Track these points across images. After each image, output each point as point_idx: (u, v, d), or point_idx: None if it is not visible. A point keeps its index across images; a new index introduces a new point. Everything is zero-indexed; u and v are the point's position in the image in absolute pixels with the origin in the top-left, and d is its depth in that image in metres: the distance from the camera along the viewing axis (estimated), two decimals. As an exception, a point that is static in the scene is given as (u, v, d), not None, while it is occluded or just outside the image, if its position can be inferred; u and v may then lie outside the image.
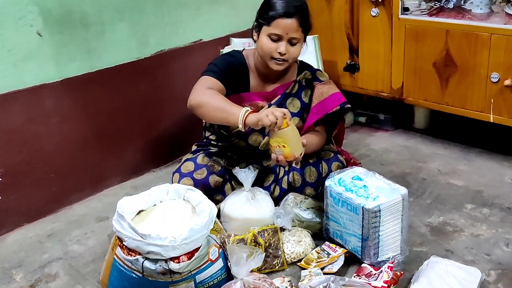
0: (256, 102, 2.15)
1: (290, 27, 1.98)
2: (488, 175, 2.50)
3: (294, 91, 2.18)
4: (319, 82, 2.18)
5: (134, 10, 2.49)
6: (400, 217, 1.84)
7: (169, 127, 2.77)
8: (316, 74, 2.21)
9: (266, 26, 2.01)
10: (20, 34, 2.15)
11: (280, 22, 1.98)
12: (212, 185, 2.10)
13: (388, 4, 2.70)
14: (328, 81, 2.21)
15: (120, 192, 2.52)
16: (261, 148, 2.16)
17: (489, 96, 2.48)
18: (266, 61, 2.05)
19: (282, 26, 1.98)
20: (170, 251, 1.63)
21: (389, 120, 3.08)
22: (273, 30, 1.99)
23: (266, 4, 2.04)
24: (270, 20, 1.99)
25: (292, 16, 1.98)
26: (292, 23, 1.98)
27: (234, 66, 2.12)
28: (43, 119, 2.29)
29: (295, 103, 2.18)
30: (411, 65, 2.72)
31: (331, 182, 1.94)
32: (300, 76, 2.19)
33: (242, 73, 2.16)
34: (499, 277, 1.83)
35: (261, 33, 2.04)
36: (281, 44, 2.00)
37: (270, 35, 2.00)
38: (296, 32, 2.00)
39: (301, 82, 2.19)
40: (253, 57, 2.17)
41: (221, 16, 2.89)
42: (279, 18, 1.98)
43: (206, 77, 2.05)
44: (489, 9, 2.62)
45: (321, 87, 2.17)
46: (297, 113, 2.17)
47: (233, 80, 2.10)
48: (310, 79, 2.19)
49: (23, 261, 2.09)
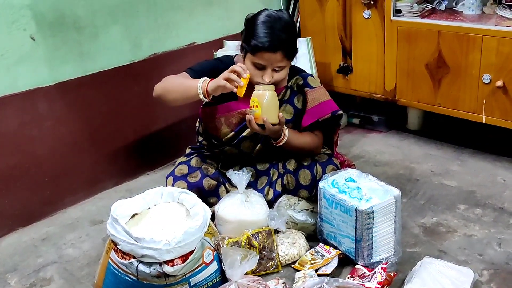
0: (245, 109, 2.11)
1: (274, 59, 1.97)
2: (480, 176, 2.52)
3: (286, 97, 2.16)
4: (310, 89, 2.15)
5: (127, 13, 2.49)
6: (393, 218, 1.85)
7: (163, 130, 2.77)
8: (307, 80, 2.18)
9: (250, 54, 1.98)
10: (13, 38, 2.15)
11: (264, 55, 1.95)
12: (206, 188, 2.10)
13: (380, 6, 2.72)
14: (319, 87, 2.18)
15: (115, 195, 2.52)
16: (254, 154, 2.17)
17: (481, 97, 2.50)
18: (253, 82, 2.00)
19: (266, 58, 1.96)
20: (164, 254, 1.63)
21: (383, 122, 3.09)
22: (257, 60, 1.97)
23: (251, 29, 2.00)
24: (254, 50, 1.96)
25: (276, 50, 1.94)
26: (276, 56, 1.96)
27: (218, 71, 2.02)
28: (36, 123, 2.28)
29: (288, 109, 2.15)
30: (404, 66, 2.73)
31: (324, 184, 1.95)
32: (291, 81, 2.17)
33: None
34: (491, 277, 1.84)
35: (246, 58, 2.02)
36: (265, 73, 1.99)
37: (254, 63, 1.99)
38: (280, 62, 1.98)
39: (293, 88, 2.17)
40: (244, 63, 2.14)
41: (214, 18, 2.89)
42: (263, 51, 1.94)
43: (183, 73, 2.06)
44: (481, 10, 2.64)
45: (313, 94, 2.15)
46: (290, 119, 2.15)
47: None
48: (302, 85, 2.17)
49: (17, 265, 2.08)
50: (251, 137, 2.13)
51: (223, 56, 2.24)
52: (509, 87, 2.39)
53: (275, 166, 2.21)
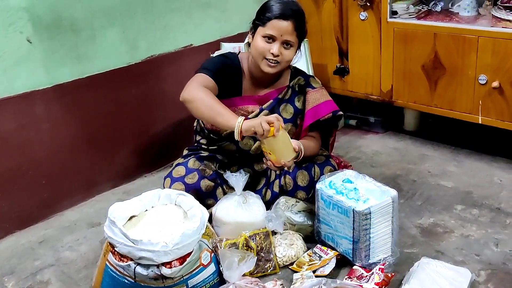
0: (247, 106, 2.16)
1: (285, 29, 1.99)
2: (477, 176, 2.52)
3: (287, 96, 2.19)
4: (311, 89, 2.19)
5: (124, 15, 2.50)
6: (391, 219, 1.85)
7: (160, 132, 2.78)
8: (309, 81, 2.21)
9: (261, 27, 2.02)
10: (10, 41, 2.15)
11: (275, 23, 1.99)
12: (204, 190, 2.10)
13: (376, 8, 2.73)
14: (321, 88, 2.22)
15: (112, 198, 2.52)
16: (252, 151, 2.17)
17: (477, 97, 2.51)
18: (258, 62, 2.05)
19: (277, 27, 1.99)
20: (162, 256, 1.63)
21: (379, 123, 3.10)
22: (267, 31, 2.00)
23: (264, 6, 2.06)
24: (265, 21, 2.00)
25: (287, 19, 1.99)
26: (287, 26, 1.99)
27: (228, 67, 2.12)
28: (34, 125, 2.28)
29: (288, 108, 2.18)
30: (400, 68, 2.74)
31: (322, 185, 1.95)
32: (293, 81, 2.20)
33: (236, 75, 2.16)
34: (489, 277, 1.85)
35: (256, 34, 2.05)
36: (274, 45, 2.01)
37: (264, 36, 2.01)
38: (290, 35, 2.01)
39: (294, 88, 2.20)
40: (247, 60, 2.17)
41: (211, 20, 2.89)
42: (275, 19, 1.99)
43: (200, 74, 2.05)
44: (476, 12, 2.65)
45: (314, 93, 2.18)
46: (290, 118, 2.17)
47: (226, 81, 2.10)
48: (303, 85, 2.20)
49: (15, 268, 2.08)
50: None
51: (227, 52, 2.25)
52: (505, 87, 2.40)
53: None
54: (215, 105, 1.91)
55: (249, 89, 2.18)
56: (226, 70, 2.11)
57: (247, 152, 2.18)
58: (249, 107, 2.16)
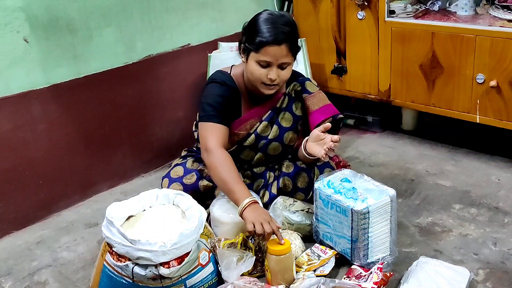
0: (245, 124, 2.12)
1: (280, 54, 1.93)
2: (475, 175, 2.52)
3: (284, 105, 2.14)
4: (308, 94, 2.14)
5: (120, 15, 2.49)
6: (389, 218, 1.85)
7: (157, 132, 2.77)
8: (305, 86, 2.16)
9: (254, 52, 1.94)
10: (6, 41, 2.14)
11: (270, 50, 1.91)
12: (202, 190, 2.10)
13: (374, 7, 2.72)
14: (318, 92, 2.17)
15: (109, 198, 2.51)
16: (254, 162, 2.17)
17: (475, 97, 2.51)
18: (256, 85, 2.00)
19: (271, 53, 1.92)
20: (160, 256, 1.62)
21: (377, 122, 3.10)
22: (262, 57, 1.93)
23: (253, 28, 1.96)
24: (258, 47, 1.92)
25: (281, 43, 1.91)
26: (281, 50, 1.92)
27: (228, 99, 2.05)
28: (30, 126, 2.27)
29: (287, 116, 2.14)
30: (398, 67, 2.74)
31: (320, 184, 1.95)
32: (289, 88, 2.15)
33: (235, 100, 2.10)
34: (487, 276, 1.85)
35: (249, 58, 1.98)
36: (271, 70, 1.95)
37: (259, 62, 1.95)
38: (286, 57, 1.95)
39: (291, 95, 2.15)
40: (242, 77, 2.11)
41: (208, 20, 2.89)
42: (268, 45, 1.91)
43: (209, 124, 1.98)
44: (474, 11, 2.65)
45: (311, 99, 2.13)
46: (291, 126, 2.14)
47: (228, 112, 2.06)
48: (299, 91, 2.15)
49: (12, 269, 2.07)
50: (251, 146, 2.13)
51: (220, 75, 2.10)
52: (503, 87, 2.40)
53: (271, 169, 2.21)
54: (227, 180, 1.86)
55: (247, 107, 2.14)
56: (228, 103, 2.05)
57: (250, 162, 2.18)
58: (247, 124, 2.12)
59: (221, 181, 1.89)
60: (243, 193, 1.84)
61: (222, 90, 2.05)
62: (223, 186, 1.89)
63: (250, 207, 1.79)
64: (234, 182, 1.86)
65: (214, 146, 1.93)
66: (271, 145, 2.15)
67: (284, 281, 1.77)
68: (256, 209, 1.79)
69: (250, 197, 1.82)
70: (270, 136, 2.13)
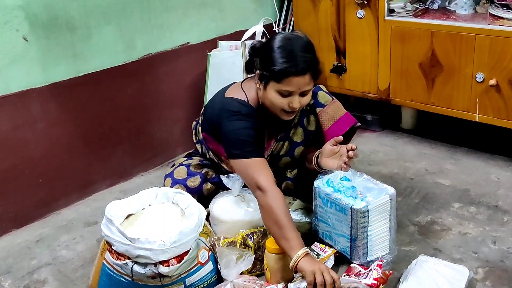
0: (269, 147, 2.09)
1: (303, 83, 1.83)
2: (474, 174, 2.53)
3: (296, 120, 2.08)
4: (322, 108, 2.08)
5: (120, 13, 2.49)
6: (388, 217, 1.85)
7: (157, 130, 2.77)
8: (318, 98, 2.09)
9: (274, 82, 1.84)
10: (6, 39, 2.14)
11: (292, 80, 1.81)
12: (206, 194, 2.08)
13: (373, 6, 2.72)
14: (331, 103, 2.10)
15: (109, 197, 2.51)
16: None
17: (475, 95, 2.51)
18: (275, 112, 1.92)
19: (294, 84, 1.82)
20: (159, 255, 1.62)
21: (377, 121, 3.10)
22: (284, 88, 1.83)
23: (271, 55, 1.83)
24: (280, 77, 1.81)
25: (305, 73, 1.82)
26: (304, 79, 1.83)
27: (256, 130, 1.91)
28: (29, 124, 2.27)
29: (298, 132, 2.09)
30: (398, 66, 2.74)
31: (319, 183, 1.94)
32: None
33: (261, 130, 1.99)
34: (486, 274, 1.85)
35: (268, 87, 1.87)
36: (293, 99, 1.86)
37: (280, 91, 1.85)
38: (308, 85, 1.86)
39: (303, 108, 2.05)
40: (258, 102, 1.97)
41: (208, 19, 2.89)
42: (291, 76, 1.80)
43: (251, 161, 1.84)
44: (473, 10, 2.65)
45: (326, 113, 2.07)
46: (301, 141, 2.10)
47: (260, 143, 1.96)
48: (312, 105, 2.08)
49: (11, 268, 2.07)
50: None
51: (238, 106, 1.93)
52: (502, 85, 2.40)
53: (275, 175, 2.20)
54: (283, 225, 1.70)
55: (267, 133, 2.08)
56: (257, 134, 1.92)
57: None
58: (269, 149, 2.09)
59: (275, 225, 1.72)
60: (299, 243, 1.69)
61: (250, 124, 1.90)
62: (277, 231, 1.72)
63: (306, 257, 1.66)
64: (289, 229, 1.70)
65: (268, 184, 1.77)
66: (282, 160, 2.13)
67: (283, 280, 1.77)
68: (312, 259, 1.69)
69: (305, 247, 1.69)
70: (281, 152, 2.11)
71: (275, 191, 1.78)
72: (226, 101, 1.98)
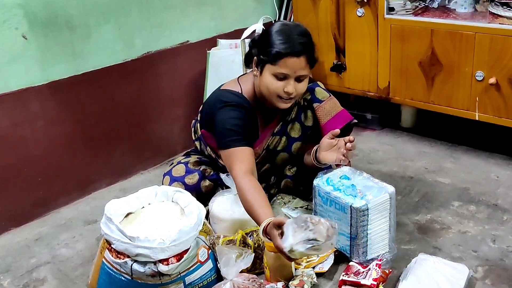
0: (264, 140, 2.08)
1: (298, 66, 1.85)
2: (474, 173, 2.52)
3: (294, 115, 2.09)
4: (319, 103, 2.09)
5: (119, 12, 2.48)
6: (388, 215, 1.85)
7: (156, 129, 2.77)
8: (315, 94, 2.10)
9: (270, 64, 1.86)
10: (5, 37, 2.14)
11: (288, 62, 1.84)
12: (204, 191, 2.09)
13: (373, 4, 2.72)
14: (328, 99, 2.10)
15: (108, 195, 2.50)
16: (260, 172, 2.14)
17: (474, 94, 2.51)
18: (271, 99, 1.92)
19: (289, 66, 1.84)
20: (159, 253, 1.62)
21: (376, 120, 3.10)
22: (279, 70, 1.85)
23: (269, 39, 1.88)
24: (276, 59, 1.84)
25: (300, 55, 1.84)
26: (300, 62, 1.85)
27: (246, 120, 1.94)
28: (29, 123, 2.27)
29: (295, 127, 2.09)
30: (397, 64, 2.73)
31: (319, 181, 1.94)
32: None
33: (253, 122, 2.01)
34: (486, 273, 1.85)
35: (264, 71, 1.89)
36: (288, 83, 1.87)
37: (275, 74, 1.87)
38: (304, 69, 1.88)
39: (300, 103, 2.09)
40: (254, 93, 2.01)
41: (207, 17, 2.88)
42: (286, 57, 1.83)
43: (232, 150, 1.86)
44: (473, 8, 2.64)
45: (323, 109, 2.08)
46: (299, 137, 2.10)
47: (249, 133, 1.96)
48: (310, 100, 2.09)
49: (10, 266, 2.07)
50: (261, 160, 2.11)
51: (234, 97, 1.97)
52: (502, 84, 2.40)
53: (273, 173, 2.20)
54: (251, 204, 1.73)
55: (262, 125, 2.08)
56: (247, 125, 1.94)
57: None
58: (264, 143, 2.09)
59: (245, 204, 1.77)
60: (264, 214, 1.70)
61: (239, 114, 1.93)
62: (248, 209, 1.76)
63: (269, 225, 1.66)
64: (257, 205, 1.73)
65: (238, 174, 1.81)
66: (279, 156, 2.12)
67: (283, 278, 1.77)
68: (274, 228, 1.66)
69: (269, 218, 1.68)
70: (279, 148, 2.10)
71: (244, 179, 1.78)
72: (220, 93, 2.03)
